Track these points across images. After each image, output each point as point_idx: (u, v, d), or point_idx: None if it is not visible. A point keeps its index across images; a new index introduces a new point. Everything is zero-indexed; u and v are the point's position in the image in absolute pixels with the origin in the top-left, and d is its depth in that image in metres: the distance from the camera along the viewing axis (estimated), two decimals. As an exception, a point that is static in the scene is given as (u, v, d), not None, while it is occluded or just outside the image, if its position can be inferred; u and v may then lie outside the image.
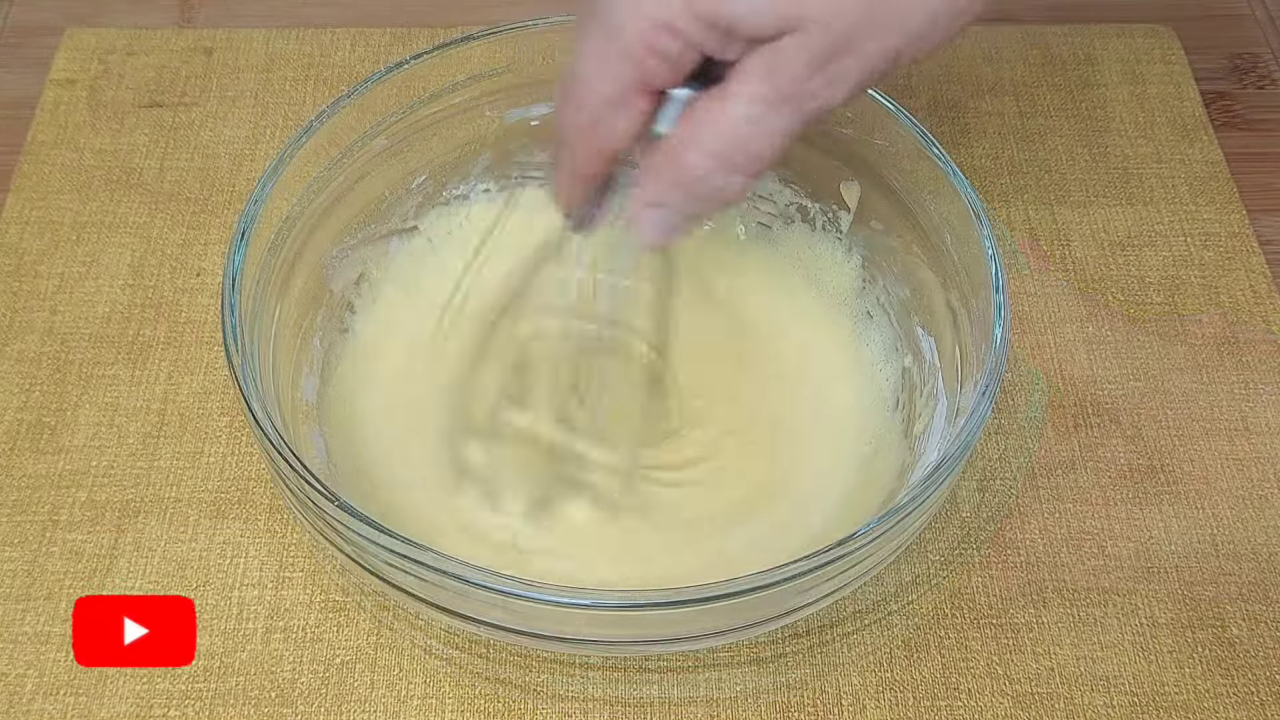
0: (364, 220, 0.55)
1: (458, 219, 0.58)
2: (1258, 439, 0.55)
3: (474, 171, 0.58)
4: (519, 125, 0.57)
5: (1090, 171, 0.65)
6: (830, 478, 0.52)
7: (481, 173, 0.58)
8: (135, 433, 0.55)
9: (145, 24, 0.70)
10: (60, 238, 0.60)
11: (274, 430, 0.44)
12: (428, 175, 0.57)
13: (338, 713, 0.48)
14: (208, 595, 0.50)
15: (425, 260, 0.57)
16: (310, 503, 0.43)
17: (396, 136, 0.55)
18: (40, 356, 0.57)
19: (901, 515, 0.43)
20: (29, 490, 0.53)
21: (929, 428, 0.50)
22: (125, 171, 0.63)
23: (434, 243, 0.57)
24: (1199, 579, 0.52)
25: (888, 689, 0.48)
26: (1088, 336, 0.58)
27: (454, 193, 0.58)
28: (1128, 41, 0.70)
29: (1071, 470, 0.54)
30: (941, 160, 0.50)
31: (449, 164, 0.57)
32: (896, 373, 0.54)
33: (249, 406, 0.44)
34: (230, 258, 0.47)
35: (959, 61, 0.69)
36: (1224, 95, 0.69)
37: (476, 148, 0.57)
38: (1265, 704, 0.48)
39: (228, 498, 0.53)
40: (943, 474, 0.44)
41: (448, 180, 0.58)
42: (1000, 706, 0.48)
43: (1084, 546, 0.52)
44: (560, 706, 0.48)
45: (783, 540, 0.49)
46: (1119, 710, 0.48)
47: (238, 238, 0.48)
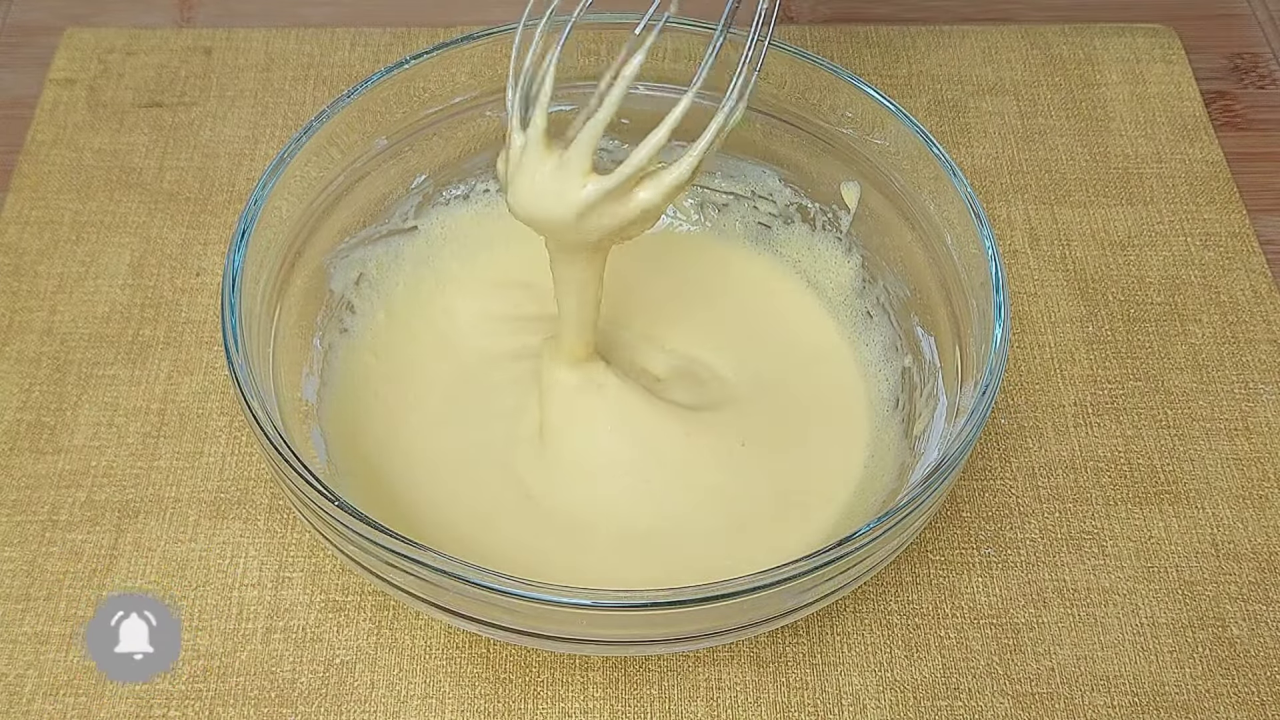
0: (364, 220, 0.55)
1: (458, 219, 0.58)
2: (1258, 439, 0.55)
3: (474, 171, 0.58)
4: None
5: (1090, 171, 0.65)
6: (830, 478, 0.52)
7: (481, 172, 0.58)
8: (135, 433, 0.54)
9: (144, 24, 0.70)
10: (59, 237, 0.60)
11: (274, 430, 0.44)
12: (428, 175, 0.57)
13: (338, 713, 0.48)
14: (207, 595, 0.50)
15: (425, 260, 0.57)
16: (310, 502, 0.43)
17: (396, 136, 0.55)
18: (40, 356, 0.57)
19: (901, 516, 0.43)
20: (28, 490, 0.53)
21: (929, 428, 0.50)
22: (124, 171, 0.63)
23: (433, 243, 0.57)
24: (1199, 579, 0.52)
25: (888, 689, 0.48)
26: (1088, 336, 0.58)
27: (454, 193, 0.58)
28: (1128, 41, 0.70)
29: (1072, 470, 0.54)
30: (942, 160, 0.50)
31: (449, 164, 0.57)
32: (896, 373, 0.54)
33: (248, 405, 0.44)
34: (230, 257, 0.47)
35: (959, 61, 0.69)
36: (1224, 95, 0.69)
37: (476, 147, 0.57)
38: (1266, 704, 0.48)
39: (227, 498, 0.53)
40: (942, 474, 0.44)
41: (448, 180, 0.58)
42: (1001, 707, 0.48)
43: (1084, 546, 0.52)
44: (560, 707, 0.48)
45: (782, 540, 0.49)
46: (1119, 710, 0.48)
47: (237, 237, 0.48)
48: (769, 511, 0.51)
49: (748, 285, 0.58)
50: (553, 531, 0.50)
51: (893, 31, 0.70)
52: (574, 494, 0.51)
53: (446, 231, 0.58)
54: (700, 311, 0.57)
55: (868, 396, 0.54)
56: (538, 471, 0.52)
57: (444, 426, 0.53)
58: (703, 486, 0.51)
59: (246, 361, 0.46)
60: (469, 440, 0.53)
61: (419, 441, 0.53)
